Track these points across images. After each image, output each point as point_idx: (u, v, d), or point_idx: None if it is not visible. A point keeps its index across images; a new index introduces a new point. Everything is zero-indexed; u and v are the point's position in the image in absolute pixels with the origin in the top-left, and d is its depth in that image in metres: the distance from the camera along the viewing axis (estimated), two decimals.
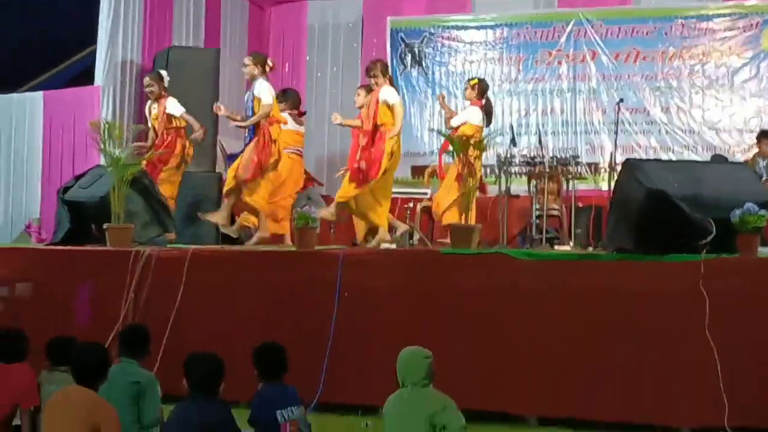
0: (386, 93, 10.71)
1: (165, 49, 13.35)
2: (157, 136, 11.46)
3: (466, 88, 11.91)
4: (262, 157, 10.70)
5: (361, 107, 11.23)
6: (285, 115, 11.48)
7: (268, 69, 11.03)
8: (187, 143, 11.52)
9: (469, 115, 11.52)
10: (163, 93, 11.51)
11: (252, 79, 11.00)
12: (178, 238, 10.80)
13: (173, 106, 11.40)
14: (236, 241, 11.50)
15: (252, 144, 10.77)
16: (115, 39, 13.13)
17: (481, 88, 11.69)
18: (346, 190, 10.66)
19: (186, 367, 5.91)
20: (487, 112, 11.71)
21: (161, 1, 13.93)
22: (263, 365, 6.41)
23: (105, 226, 9.35)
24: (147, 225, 9.92)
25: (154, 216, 10.02)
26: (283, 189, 11.55)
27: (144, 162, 10.66)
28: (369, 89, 11.52)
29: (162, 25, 13.91)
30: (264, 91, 10.78)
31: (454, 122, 11.60)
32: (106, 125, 9.88)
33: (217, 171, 13.15)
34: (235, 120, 11.23)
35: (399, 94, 11.36)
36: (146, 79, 11.66)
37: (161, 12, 13.91)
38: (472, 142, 10.20)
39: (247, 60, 11.12)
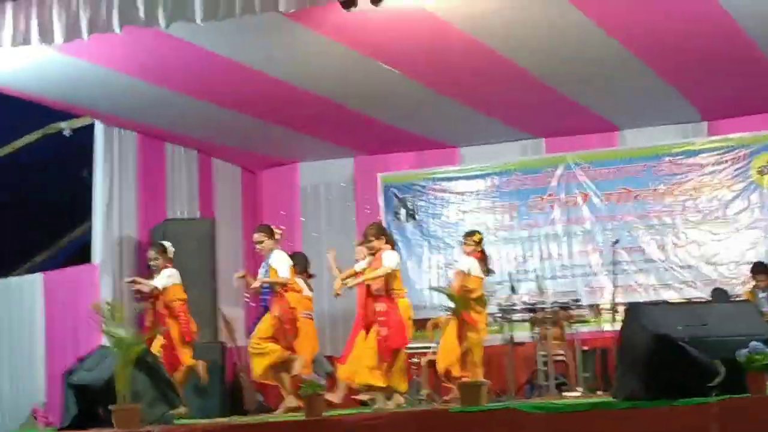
0: (388, 258, 10.83)
1: (161, 222, 13.45)
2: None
3: (463, 242, 12.01)
4: (289, 325, 10.84)
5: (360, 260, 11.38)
6: (298, 280, 11.57)
7: (277, 237, 11.19)
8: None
9: (467, 263, 11.66)
10: (167, 265, 11.59)
11: (267, 251, 11.14)
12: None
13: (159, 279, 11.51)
14: (245, 412, 11.47)
15: (270, 315, 10.88)
16: (110, 215, 13.26)
17: (478, 240, 11.82)
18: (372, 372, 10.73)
19: None
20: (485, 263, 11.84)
21: (155, 174, 14.08)
22: None
23: (111, 408, 9.28)
24: (153, 403, 9.81)
25: (160, 394, 9.93)
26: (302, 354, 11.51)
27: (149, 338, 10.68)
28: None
29: (156, 198, 14.04)
30: (281, 263, 10.93)
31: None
32: (108, 306, 9.88)
33: (219, 340, 13.14)
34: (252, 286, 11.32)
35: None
36: (150, 253, 11.73)
37: (155, 185, 14.07)
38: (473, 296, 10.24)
39: (259, 235, 11.25)
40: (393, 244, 11.34)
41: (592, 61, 11.79)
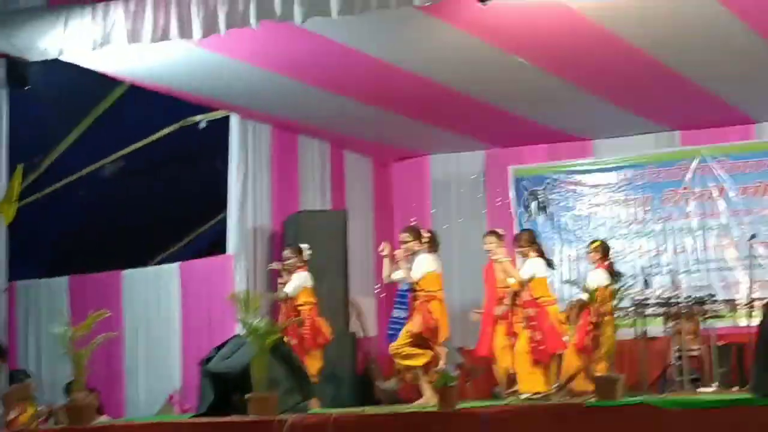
0: (530, 266, 11.25)
1: (294, 213, 13.60)
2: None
3: (588, 252, 12.00)
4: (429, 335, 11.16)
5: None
6: None
7: (426, 240, 11.28)
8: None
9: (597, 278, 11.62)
10: (300, 267, 11.78)
11: (410, 252, 11.25)
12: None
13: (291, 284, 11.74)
14: (376, 402, 11.55)
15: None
16: (244, 206, 13.43)
17: (604, 249, 11.82)
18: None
19: None
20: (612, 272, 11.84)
21: (287, 166, 14.24)
22: None
23: (247, 396, 9.43)
24: (289, 393, 9.95)
25: (295, 383, 10.08)
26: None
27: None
28: (497, 234, 11.80)
29: (289, 190, 14.19)
30: (417, 266, 11.36)
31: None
32: (244, 296, 10.04)
33: (351, 330, 13.25)
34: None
35: None
36: (286, 253, 11.93)
37: (288, 177, 14.22)
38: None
39: (406, 236, 11.40)
40: (542, 253, 11.50)
41: (729, 53, 11.56)
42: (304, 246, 12.04)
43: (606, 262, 11.86)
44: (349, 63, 11.50)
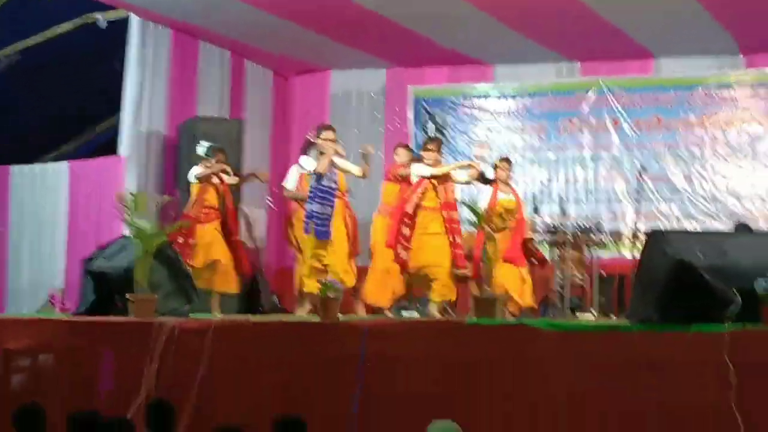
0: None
1: (189, 119, 13.46)
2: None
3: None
4: None
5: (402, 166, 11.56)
6: None
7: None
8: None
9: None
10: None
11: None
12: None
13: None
14: (261, 312, 11.55)
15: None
16: (139, 109, 13.26)
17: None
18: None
19: None
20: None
21: (186, 72, 14.06)
22: None
23: (128, 296, 9.37)
24: (170, 296, 9.93)
25: (177, 287, 10.04)
26: None
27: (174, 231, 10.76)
28: (406, 147, 11.78)
29: (187, 96, 14.02)
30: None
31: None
32: (132, 197, 9.94)
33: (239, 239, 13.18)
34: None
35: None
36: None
37: (186, 83, 14.05)
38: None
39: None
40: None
41: None
42: (203, 143, 11.81)
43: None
44: None
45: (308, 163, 11.19)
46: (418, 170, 11.35)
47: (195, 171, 11.54)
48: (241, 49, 14.85)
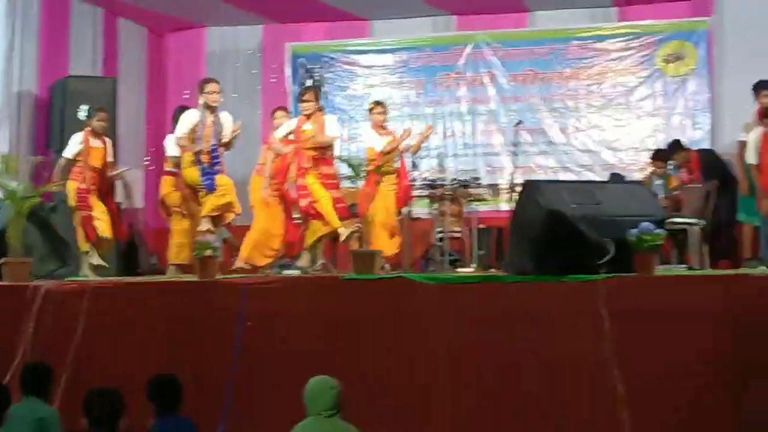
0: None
1: (61, 79, 13.19)
2: None
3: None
4: None
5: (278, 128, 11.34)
6: None
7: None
8: None
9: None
10: None
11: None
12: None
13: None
14: (138, 274, 11.42)
15: None
16: (9, 70, 12.89)
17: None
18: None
19: (85, 404, 5.86)
20: None
21: (58, 31, 13.73)
22: (157, 398, 6.38)
23: (1, 260, 9.19)
24: (45, 259, 9.78)
25: (52, 249, 9.89)
26: None
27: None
28: (284, 109, 11.70)
29: (59, 55, 13.69)
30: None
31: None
32: (3, 158, 9.74)
33: (116, 200, 12.99)
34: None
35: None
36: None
37: (58, 42, 13.71)
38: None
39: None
40: None
41: None
42: (82, 107, 11.57)
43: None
44: None
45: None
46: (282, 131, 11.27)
47: (70, 149, 11.24)
48: (113, 6, 14.56)
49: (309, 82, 15.01)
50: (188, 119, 10.84)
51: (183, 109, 11.57)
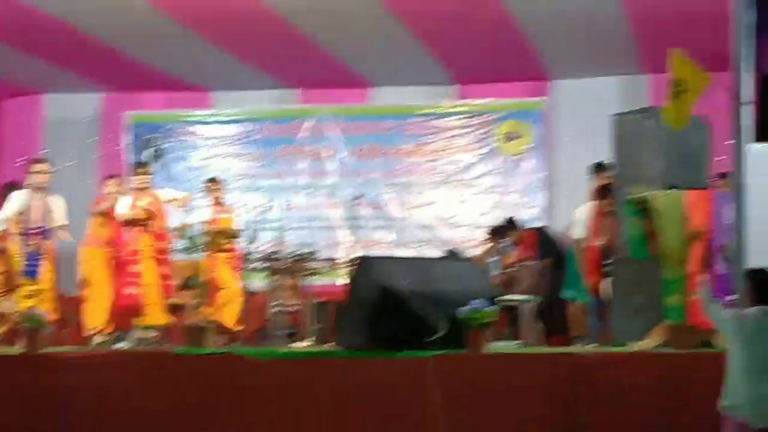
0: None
1: None
2: None
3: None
4: None
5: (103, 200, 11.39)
6: None
7: None
8: None
9: None
10: None
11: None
12: None
13: None
14: None
15: None
16: None
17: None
18: None
19: None
20: None
21: None
22: None
23: None
24: None
25: None
26: None
27: None
28: (116, 177, 11.61)
29: None
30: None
31: None
32: None
33: None
34: None
35: None
36: None
37: None
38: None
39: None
40: None
41: (349, 16, 11.77)
42: None
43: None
44: None
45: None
46: (121, 208, 11.25)
47: None
48: None
49: (148, 153, 14.88)
50: (15, 200, 10.72)
51: (12, 186, 11.44)
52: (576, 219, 11.34)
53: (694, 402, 7.38)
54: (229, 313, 11.57)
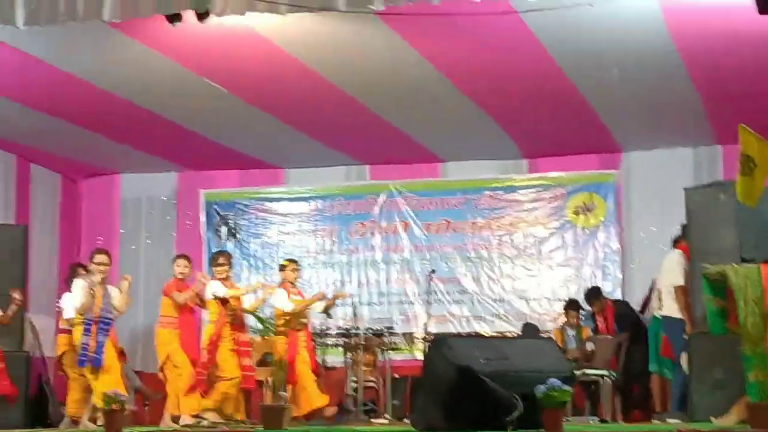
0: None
1: None
2: None
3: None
4: None
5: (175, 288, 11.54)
6: None
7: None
8: None
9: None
10: None
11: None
12: None
13: None
14: (48, 425, 11.28)
15: None
16: None
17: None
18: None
19: None
20: None
21: None
22: None
23: None
24: None
25: None
26: None
27: None
28: (188, 259, 11.77)
29: None
30: None
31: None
32: None
33: (24, 349, 12.80)
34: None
35: None
36: None
37: None
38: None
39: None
40: None
41: (418, 93, 11.90)
42: None
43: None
44: (38, 75, 11.14)
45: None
46: (213, 289, 11.45)
47: None
48: (26, 153, 14.49)
49: (224, 230, 15.07)
50: (79, 289, 10.87)
51: (74, 268, 11.67)
52: (665, 267, 11.23)
53: None
54: (304, 396, 11.57)
